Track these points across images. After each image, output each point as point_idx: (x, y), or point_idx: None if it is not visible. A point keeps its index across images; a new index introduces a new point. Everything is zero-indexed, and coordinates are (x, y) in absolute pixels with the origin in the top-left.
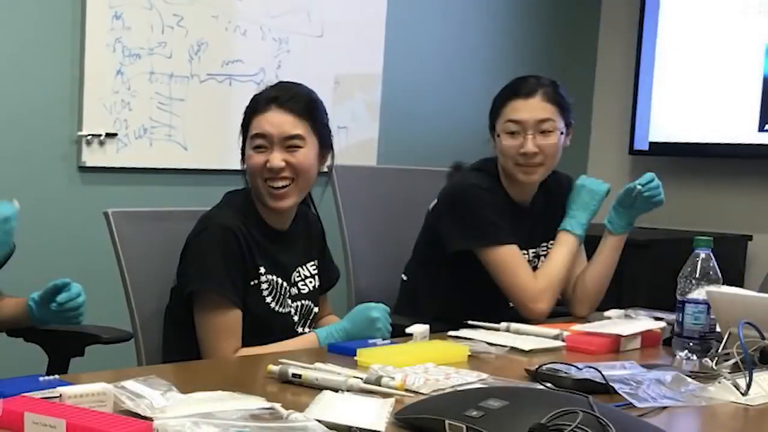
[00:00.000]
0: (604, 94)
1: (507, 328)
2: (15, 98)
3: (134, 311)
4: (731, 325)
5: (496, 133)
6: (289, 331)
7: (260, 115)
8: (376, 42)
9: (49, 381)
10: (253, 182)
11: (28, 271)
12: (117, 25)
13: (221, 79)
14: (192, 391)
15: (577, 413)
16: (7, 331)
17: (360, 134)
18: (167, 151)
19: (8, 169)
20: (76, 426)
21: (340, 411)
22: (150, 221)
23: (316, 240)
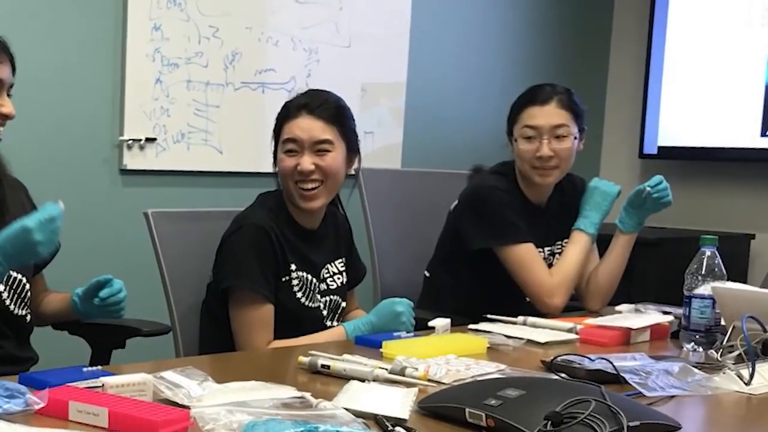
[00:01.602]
0: (616, 101)
1: (524, 321)
2: (61, 105)
3: (172, 306)
4: (735, 319)
5: (513, 137)
6: (319, 324)
7: (291, 121)
8: (401, 52)
9: (92, 371)
10: (284, 184)
11: (73, 268)
12: (156, 36)
13: (254, 87)
14: (227, 381)
15: (590, 402)
16: (53, 325)
17: (385, 139)
18: (204, 155)
19: (54, 171)
20: (117, 414)
21: (366, 400)
22: (187, 221)
23: (344, 239)
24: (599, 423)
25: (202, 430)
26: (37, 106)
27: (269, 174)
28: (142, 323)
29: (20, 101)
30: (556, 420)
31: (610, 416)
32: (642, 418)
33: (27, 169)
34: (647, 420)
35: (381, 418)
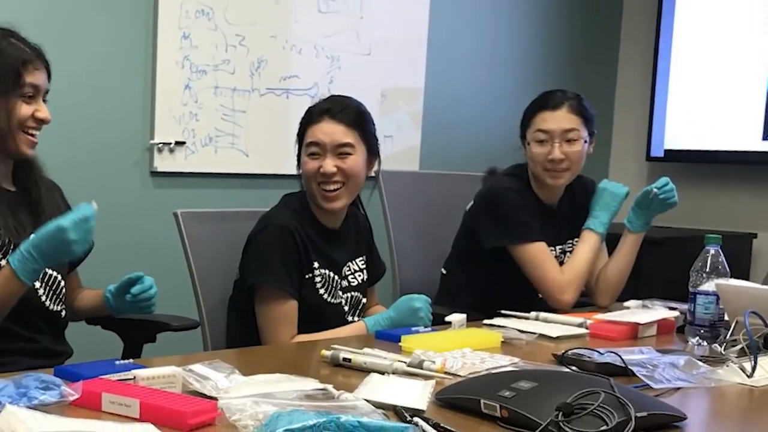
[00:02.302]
0: (624, 106)
1: (536, 317)
2: (94, 110)
3: (201, 302)
4: (738, 314)
5: (526, 141)
6: (340, 319)
7: (314, 126)
8: (419, 59)
9: (124, 364)
10: (307, 185)
11: (105, 266)
12: (185, 44)
13: (279, 92)
14: (253, 373)
15: (599, 394)
16: (87, 320)
17: (404, 142)
18: (230, 158)
19: (88, 173)
20: (148, 405)
21: (386, 392)
22: (215, 221)
23: (365, 238)
24: (608, 414)
25: (229, 420)
26: (72, 111)
27: (293, 176)
28: (171, 318)
29: (56, 107)
30: (567, 411)
31: (619, 407)
32: (649, 409)
33: (62, 171)
34: (654, 411)
35: (400, 409)
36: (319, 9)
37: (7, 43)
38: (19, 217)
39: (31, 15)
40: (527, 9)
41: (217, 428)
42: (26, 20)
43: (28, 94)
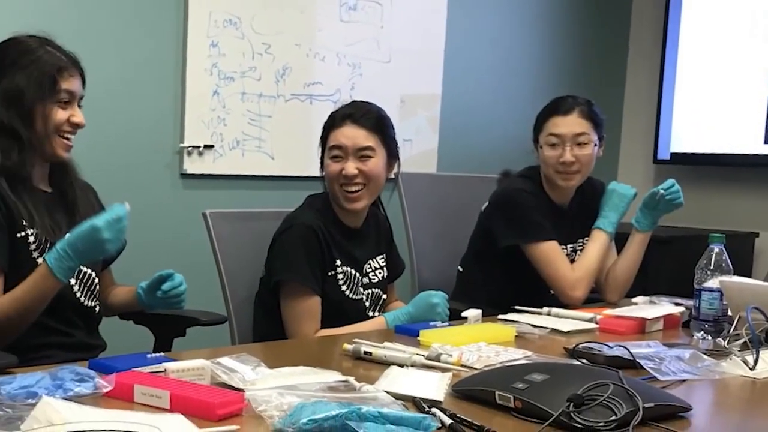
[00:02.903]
0: (632, 111)
1: (548, 312)
2: (127, 115)
3: (228, 298)
4: (741, 310)
5: (539, 144)
6: (362, 315)
7: (337, 130)
8: (436, 67)
9: (156, 357)
10: (330, 187)
11: (137, 264)
12: (214, 52)
13: (303, 98)
14: (278, 366)
15: (608, 385)
16: (120, 315)
17: (422, 146)
18: (257, 161)
19: (121, 175)
20: (178, 396)
21: (405, 383)
22: (242, 220)
23: (385, 237)
24: (617, 404)
25: (255, 411)
26: (106, 116)
27: (316, 178)
28: (200, 314)
29: (90, 112)
30: (577, 402)
31: (627, 398)
32: (656, 400)
33: (96, 173)
34: (661, 402)
35: (418, 400)
36: (341, 19)
37: (43, 51)
38: (56, 217)
39: (68, 25)
40: (539, 19)
41: (244, 419)
42: (64, 30)
43: (64, 100)
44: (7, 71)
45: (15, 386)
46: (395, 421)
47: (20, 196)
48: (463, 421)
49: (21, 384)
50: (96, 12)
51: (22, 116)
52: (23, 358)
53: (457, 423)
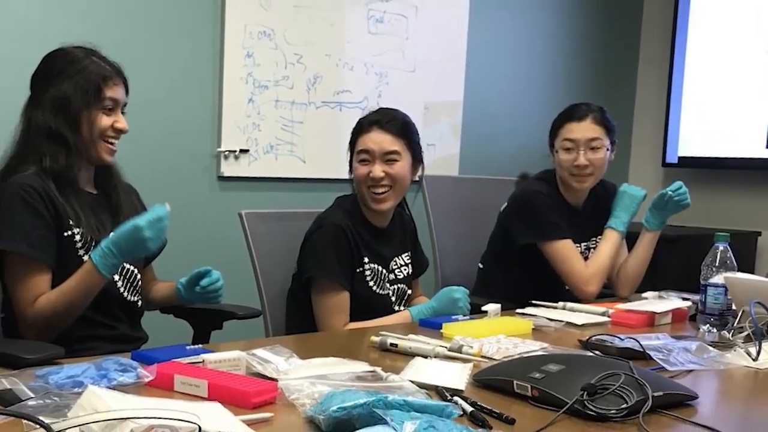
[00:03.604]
0: (642, 117)
1: (563, 306)
2: (167, 121)
3: (263, 293)
4: (744, 304)
5: (554, 149)
6: (388, 309)
7: (364, 135)
8: (458, 76)
9: (194, 349)
10: (358, 189)
11: (177, 261)
12: (249, 62)
13: (333, 105)
14: (309, 357)
15: (620, 375)
16: (161, 309)
17: (445, 150)
18: (289, 164)
19: (161, 178)
20: (215, 385)
21: (428, 373)
22: (275, 220)
23: (410, 235)
24: (628, 393)
25: (288, 399)
26: (148, 122)
27: (345, 180)
28: (236, 308)
29: (133, 118)
30: (591, 390)
31: (638, 387)
32: (664, 389)
33: (138, 176)
34: (669, 390)
35: (441, 389)
36: (369, 30)
37: (89, 61)
38: (100, 218)
39: (113, 37)
40: (555, 32)
41: (277, 406)
42: (109, 41)
43: (108, 107)
44: (56, 80)
45: (62, 376)
46: (419, 408)
47: (67, 198)
48: (483, 409)
49: (68, 374)
50: (139, 25)
51: (69, 122)
52: (70, 349)
53: (477, 410)
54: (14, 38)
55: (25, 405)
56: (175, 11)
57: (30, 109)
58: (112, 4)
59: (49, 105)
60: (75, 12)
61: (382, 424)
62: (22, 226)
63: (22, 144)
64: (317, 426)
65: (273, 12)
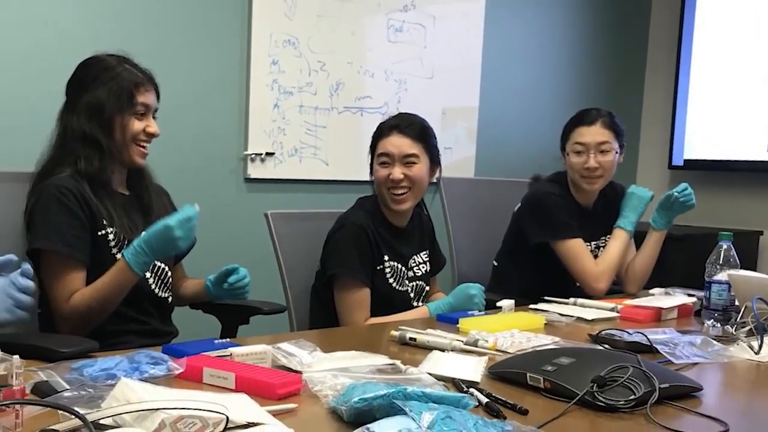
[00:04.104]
0: (649, 122)
1: (574, 302)
2: (197, 126)
3: (287, 289)
4: (747, 300)
5: (566, 152)
6: (407, 305)
7: (385, 139)
8: (474, 82)
9: (222, 343)
10: (379, 190)
11: (206, 259)
12: (274, 69)
13: (354, 111)
14: (332, 351)
15: (628, 368)
16: (190, 305)
17: (461, 153)
18: (313, 166)
19: (191, 180)
20: (242, 378)
21: (446, 366)
22: (300, 220)
23: (428, 235)
24: (636, 385)
25: (311, 390)
26: (178, 127)
27: (366, 182)
28: (262, 304)
29: (164, 123)
30: (600, 382)
31: (645, 379)
32: (671, 381)
33: (169, 178)
34: (675, 382)
35: (458, 381)
36: (388, 39)
37: (122, 68)
38: (132, 217)
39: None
40: (566, 40)
41: (301, 398)
42: (141, 49)
43: (140, 112)
44: (90, 86)
45: (96, 369)
46: (437, 399)
47: (101, 199)
48: (497, 400)
49: (102, 367)
50: (169, 33)
51: (102, 127)
52: (103, 343)
53: (492, 401)
54: (51, 47)
55: (60, 396)
56: (204, 21)
57: (65, 115)
58: (145, 14)
59: (84, 110)
60: (108, 21)
61: (402, 414)
62: (58, 226)
63: (58, 148)
64: (339, 416)
65: (297, 21)
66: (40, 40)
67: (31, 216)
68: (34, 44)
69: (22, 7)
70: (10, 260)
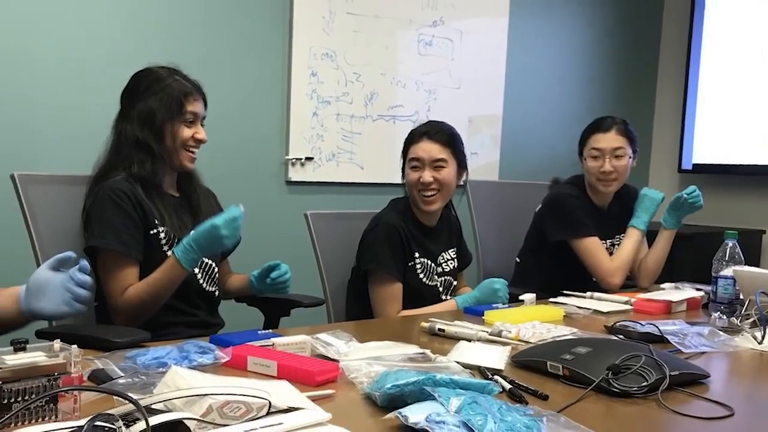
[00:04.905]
0: (660, 129)
1: (591, 296)
2: (241, 132)
3: (325, 284)
4: (751, 294)
5: (583, 157)
6: (436, 298)
7: (415, 144)
8: (498, 92)
9: (265, 333)
10: (410, 192)
11: (250, 256)
12: (313, 81)
13: (387, 118)
14: (367, 340)
15: (641, 356)
16: (235, 299)
17: (486, 158)
18: (349, 170)
19: (236, 182)
20: (284, 366)
21: (472, 355)
22: (336, 220)
23: (455, 233)
24: (648, 372)
25: (348, 377)
26: (224, 133)
27: (398, 184)
28: (302, 297)
29: (212, 130)
30: (615, 370)
31: (656, 367)
32: (680, 368)
33: (216, 181)
34: (684, 370)
35: (483, 369)
36: (419, 52)
37: (172, 79)
38: (182, 217)
39: (194, 58)
40: (583, 53)
41: (338, 384)
42: (190, 62)
43: (189, 120)
44: (143, 96)
45: (149, 357)
46: (464, 386)
47: (153, 200)
48: (520, 387)
49: (153, 356)
50: (216, 47)
51: (154, 133)
52: (155, 334)
53: (515, 388)
54: (106, 60)
55: (115, 383)
56: (249, 35)
57: (120, 122)
58: (194, 29)
59: (137, 118)
60: (160, 35)
61: (431, 399)
62: (113, 226)
63: (113, 153)
64: (373, 401)
65: (335, 36)
66: (97, 54)
67: (89, 216)
68: (91, 58)
69: (80, 24)
70: (69, 257)
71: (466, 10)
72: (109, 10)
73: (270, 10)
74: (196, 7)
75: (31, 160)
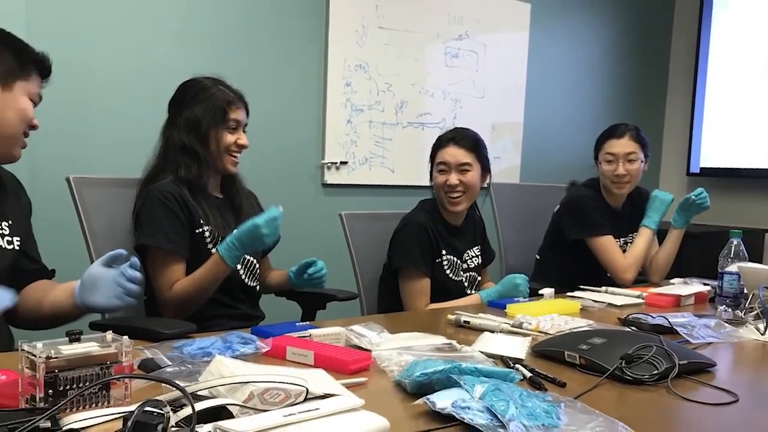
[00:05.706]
0: (670, 135)
1: (606, 290)
2: (281, 138)
3: (359, 279)
4: (754, 289)
5: (598, 161)
6: (462, 292)
7: (442, 149)
8: (519, 101)
9: (303, 325)
10: (437, 194)
11: (289, 253)
12: (347, 90)
13: (416, 125)
14: (397, 332)
15: (652, 347)
16: (275, 293)
17: (508, 162)
18: (381, 173)
19: (276, 185)
20: (320, 355)
21: (495, 345)
22: (369, 220)
23: (480, 232)
24: (659, 361)
25: (379, 366)
26: (265, 139)
27: (426, 186)
28: (337, 291)
29: (253, 136)
30: (628, 359)
31: (666, 357)
32: (689, 358)
33: (257, 183)
34: (692, 359)
35: (506, 358)
36: (446, 64)
37: (216, 89)
38: (225, 217)
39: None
40: (598, 64)
41: (370, 372)
42: (233, 72)
43: (232, 127)
44: (189, 104)
45: (194, 347)
46: (487, 374)
47: (198, 201)
48: (540, 375)
49: (199, 346)
50: (257, 58)
51: (199, 139)
52: (201, 326)
53: (535, 376)
54: (155, 71)
55: (163, 371)
56: (287, 48)
57: (167, 129)
58: (236, 42)
59: (184, 125)
60: (205, 48)
61: (457, 386)
62: (161, 225)
63: (161, 157)
64: (403, 388)
65: (367, 48)
66: (148, 66)
67: (138, 216)
68: (142, 69)
69: (133, 38)
70: (120, 254)
71: (489, 25)
72: (159, 26)
73: (308, 25)
74: (240, 22)
75: (85, 164)
